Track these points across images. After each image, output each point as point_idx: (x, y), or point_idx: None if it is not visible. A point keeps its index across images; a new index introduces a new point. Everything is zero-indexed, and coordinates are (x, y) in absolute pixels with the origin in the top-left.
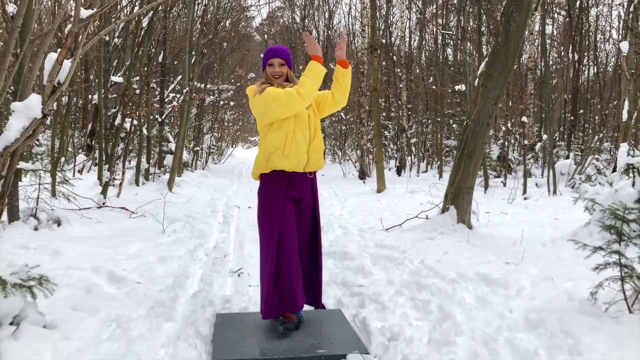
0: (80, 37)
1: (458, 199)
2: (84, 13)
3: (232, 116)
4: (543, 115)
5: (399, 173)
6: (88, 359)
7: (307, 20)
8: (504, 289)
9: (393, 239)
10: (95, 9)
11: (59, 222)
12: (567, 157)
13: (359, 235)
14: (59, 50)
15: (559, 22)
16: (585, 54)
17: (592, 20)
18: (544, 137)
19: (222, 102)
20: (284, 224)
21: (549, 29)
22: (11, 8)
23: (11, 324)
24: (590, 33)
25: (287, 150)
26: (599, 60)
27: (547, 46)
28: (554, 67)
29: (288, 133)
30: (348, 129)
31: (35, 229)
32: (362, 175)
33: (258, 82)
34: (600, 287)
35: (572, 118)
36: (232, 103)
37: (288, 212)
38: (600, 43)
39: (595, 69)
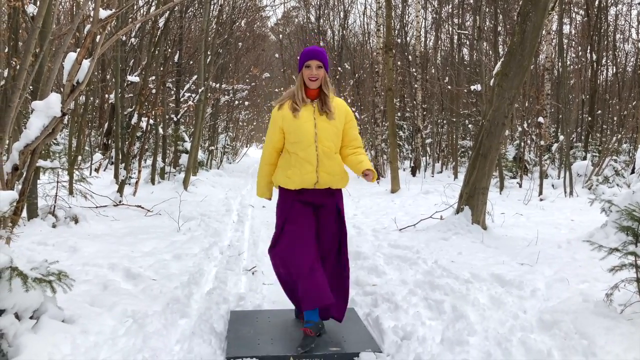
0: (99, 37)
1: (473, 199)
2: (103, 13)
3: (246, 116)
4: (560, 116)
5: (413, 173)
6: (105, 353)
7: (322, 20)
8: (518, 290)
9: (407, 239)
10: (113, 10)
11: (76, 220)
12: (584, 159)
13: (373, 235)
14: (77, 50)
15: (577, 22)
16: (603, 53)
17: (611, 20)
18: (561, 138)
19: (237, 102)
20: (290, 216)
21: (566, 28)
22: (31, 9)
23: (31, 317)
24: (609, 32)
25: (291, 172)
26: (618, 60)
27: (565, 46)
28: (572, 67)
29: (291, 157)
30: (362, 129)
31: (54, 226)
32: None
33: (278, 103)
34: (616, 288)
35: (589, 119)
36: (246, 103)
37: (298, 209)
38: (620, 43)
39: (614, 69)
